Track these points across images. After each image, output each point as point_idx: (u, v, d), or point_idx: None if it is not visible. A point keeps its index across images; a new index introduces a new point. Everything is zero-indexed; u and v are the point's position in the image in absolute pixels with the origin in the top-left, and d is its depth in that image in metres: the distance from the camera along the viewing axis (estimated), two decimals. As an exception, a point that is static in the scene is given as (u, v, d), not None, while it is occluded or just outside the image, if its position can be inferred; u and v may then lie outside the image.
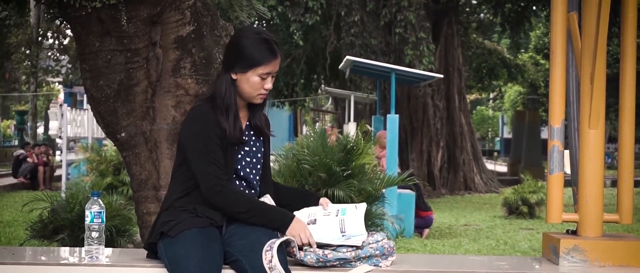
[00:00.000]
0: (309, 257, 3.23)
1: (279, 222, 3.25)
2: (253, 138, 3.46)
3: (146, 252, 3.45)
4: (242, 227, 3.27)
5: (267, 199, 3.39)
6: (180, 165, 3.36)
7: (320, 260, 3.23)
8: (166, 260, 3.19)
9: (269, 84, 3.34)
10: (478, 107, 49.77)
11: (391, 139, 11.25)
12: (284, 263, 3.12)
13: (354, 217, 3.31)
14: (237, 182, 3.38)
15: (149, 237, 3.42)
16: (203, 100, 3.41)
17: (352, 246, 3.28)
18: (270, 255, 3.08)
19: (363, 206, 3.37)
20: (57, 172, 19.55)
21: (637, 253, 3.42)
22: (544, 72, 30.82)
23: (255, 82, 3.32)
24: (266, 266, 3.06)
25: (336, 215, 3.33)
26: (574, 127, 3.62)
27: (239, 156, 3.37)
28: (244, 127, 3.43)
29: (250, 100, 3.39)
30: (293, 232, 3.22)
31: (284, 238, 3.20)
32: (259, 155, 3.47)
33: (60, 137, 17.02)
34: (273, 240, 3.15)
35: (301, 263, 3.25)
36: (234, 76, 3.34)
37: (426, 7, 18.65)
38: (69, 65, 31.41)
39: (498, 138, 49.29)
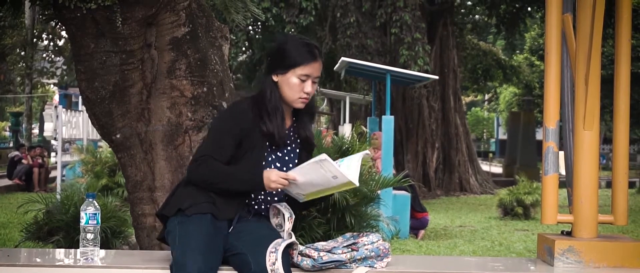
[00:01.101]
0: (304, 262, 3.24)
1: (251, 182, 3.28)
2: (290, 146, 3.50)
3: (142, 252, 3.47)
4: (250, 223, 3.36)
5: (282, 207, 3.39)
6: None
7: (316, 265, 3.23)
8: (176, 233, 3.25)
9: (309, 88, 3.38)
10: (473, 109, 49.82)
11: (386, 140, 11.26)
12: (287, 266, 3.15)
13: (350, 162, 3.26)
14: None
15: (163, 207, 3.47)
16: (245, 98, 3.47)
17: (347, 245, 3.28)
18: (274, 257, 3.09)
19: (359, 155, 3.32)
20: (52, 174, 19.53)
21: (632, 254, 3.43)
22: (539, 74, 30.86)
23: (294, 84, 3.36)
24: (269, 268, 3.08)
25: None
26: (569, 128, 3.62)
27: (270, 159, 3.42)
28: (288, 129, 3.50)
29: (291, 103, 3.42)
30: (270, 185, 3.24)
31: (290, 240, 3.22)
32: (291, 165, 3.48)
33: (55, 139, 17.03)
34: (278, 240, 3.18)
35: (297, 267, 3.25)
36: (275, 78, 3.40)
37: (421, 8, 18.66)
38: (64, 67, 31.32)
39: (493, 140, 49.29)
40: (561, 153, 3.60)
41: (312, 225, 4.66)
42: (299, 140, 3.54)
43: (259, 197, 3.45)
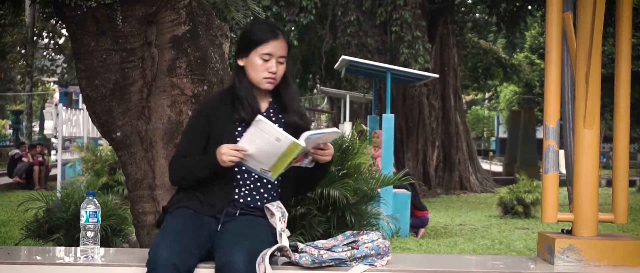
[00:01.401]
0: (304, 258, 3.24)
1: (209, 163, 3.29)
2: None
3: (142, 250, 3.48)
4: (236, 222, 3.33)
5: (273, 207, 3.38)
6: None
7: (316, 261, 3.23)
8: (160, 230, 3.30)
9: (274, 67, 3.40)
10: (473, 107, 49.83)
11: (387, 139, 11.25)
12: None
13: (312, 132, 3.24)
14: (242, 175, 3.42)
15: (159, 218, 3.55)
16: (217, 92, 3.60)
17: (348, 244, 3.28)
18: (263, 267, 3.09)
19: (328, 130, 3.29)
20: (53, 172, 19.53)
21: (632, 252, 3.43)
22: (539, 72, 30.86)
23: (258, 64, 3.41)
24: None
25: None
26: (569, 126, 3.62)
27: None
28: (264, 110, 3.49)
29: (258, 84, 3.45)
30: (222, 159, 3.22)
31: (275, 247, 3.21)
32: None
33: (55, 137, 17.02)
34: (266, 250, 3.16)
35: (296, 265, 3.25)
36: (240, 63, 3.47)
37: (422, 7, 18.65)
38: (65, 65, 31.32)
39: (493, 138, 49.32)
40: (561, 151, 3.60)
41: (313, 223, 4.67)
42: (282, 127, 3.50)
43: (243, 190, 3.44)
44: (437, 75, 15.73)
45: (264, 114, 3.45)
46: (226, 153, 3.21)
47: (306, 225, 4.68)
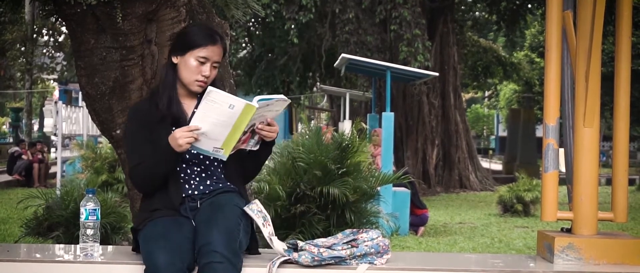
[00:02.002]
0: (303, 257, 3.24)
1: (165, 154, 3.26)
2: None
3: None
4: (203, 211, 3.33)
5: (253, 214, 3.37)
6: None
7: (316, 259, 3.23)
8: (142, 246, 3.28)
9: (207, 71, 3.42)
10: (473, 105, 49.83)
11: (386, 137, 11.26)
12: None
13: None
14: (186, 170, 3.44)
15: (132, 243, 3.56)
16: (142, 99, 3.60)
17: (347, 242, 3.28)
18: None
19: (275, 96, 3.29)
20: (52, 169, 19.54)
21: (632, 251, 3.43)
22: (539, 71, 30.87)
23: (192, 66, 3.42)
24: None
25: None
26: (569, 125, 3.62)
27: None
28: (189, 113, 3.46)
29: (188, 86, 3.47)
30: (179, 143, 3.19)
31: (284, 257, 3.24)
32: None
33: (55, 135, 17.01)
34: (274, 259, 3.21)
35: (296, 263, 3.25)
36: (174, 60, 3.50)
37: (422, 5, 18.65)
38: (64, 63, 31.34)
39: (493, 137, 49.36)
40: (561, 150, 3.60)
41: (312, 221, 4.68)
42: None
43: (192, 183, 3.44)
44: (437, 74, 15.74)
45: (191, 114, 3.45)
46: (181, 136, 3.19)
47: (306, 223, 4.69)
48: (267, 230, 3.29)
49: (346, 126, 13.87)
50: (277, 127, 3.39)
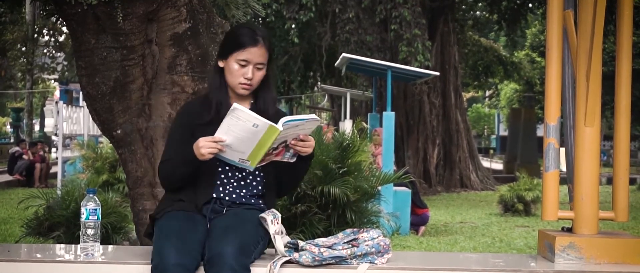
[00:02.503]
0: (304, 256, 3.23)
1: (188, 157, 3.26)
2: None
3: (142, 247, 3.48)
4: (223, 218, 3.34)
5: (270, 215, 3.37)
6: None
7: (316, 259, 3.23)
8: (155, 236, 3.29)
9: (249, 73, 3.38)
10: (474, 105, 49.83)
11: (387, 137, 11.25)
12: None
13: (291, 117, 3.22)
14: (226, 174, 3.43)
15: (147, 228, 3.54)
16: (199, 96, 3.56)
17: (348, 241, 3.28)
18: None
19: (307, 116, 3.26)
20: (53, 169, 19.54)
21: (633, 250, 3.43)
22: (539, 70, 30.87)
23: (234, 69, 3.39)
24: None
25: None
26: (570, 124, 3.62)
27: None
28: None
29: (234, 89, 3.44)
30: (201, 152, 3.20)
31: (286, 257, 3.24)
32: None
33: (56, 134, 17.01)
34: (276, 259, 3.21)
35: (297, 263, 3.25)
36: (220, 64, 3.45)
37: (422, 5, 18.65)
38: (65, 63, 31.34)
39: (494, 136, 49.36)
40: (562, 149, 3.60)
41: (313, 221, 4.67)
42: None
43: (228, 188, 3.44)
44: (437, 73, 15.73)
45: None
46: (204, 146, 3.19)
47: (306, 223, 4.68)
48: (274, 228, 3.29)
49: (347, 125, 13.88)
50: (312, 142, 3.33)
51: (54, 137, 24.67)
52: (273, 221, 3.29)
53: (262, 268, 3.21)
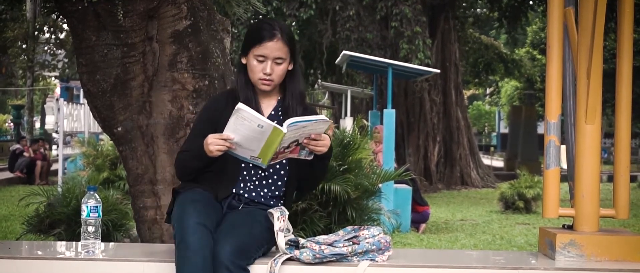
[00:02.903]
0: (305, 254, 3.24)
1: (199, 152, 3.27)
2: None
3: (143, 244, 3.49)
4: (235, 214, 3.35)
5: (277, 212, 3.37)
6: None
7: (317, 256, 3.23)
8: (175, 211, 3.30)
9: (268, 68, 3.35)
10: (475, 102, 49.81)
11: (388, 134, 11.25)
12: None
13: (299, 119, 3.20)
14: (250, 172, 3.43)
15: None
16: (226, 89, 3.60)
17: (349, 239, 3.28)
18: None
19: (315, 117, 3.24)
20: (54, 167, 19.53)
21: (633, 248, 3.43)
22: (540, 67, 30.86)
23: (253, 65, 3.38)
24: None
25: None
26: (571, 122, 3.62)
27: None
28: (267, 115, 3.44)
29: (256, 85, 3.43)
30: (209, 149, 3.21)
31: (287, 255, 3.24)
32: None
33: (56, 132, 17.00)
34: (277, 256, 3.22)
35: (297, 260, 3.25)
36: (243, 61, 3.45)
37: (423, 2, 18.64)
38: (66, 60, 31.35)
39: (494, 134, 49.32)
40: (563, 147, 3.59)
41: (314, 218, 4.67)
42: None
43: (249, 185, 3.43)
44: (438, 71, 15.72)
45: (272, 112, 3.46)
46: (212, 143, 3.19)
47: (307, 220, 4.69)
48: (279, 224, 3.28)
49: (347, 123, 13.87)
50: (327, 141, 3.30)
51: (54, 135, 24.65)
52: (279, 218, 3.29)
53: (263, 265, 3.21)
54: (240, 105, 3.12)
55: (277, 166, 3.43)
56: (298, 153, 3.31)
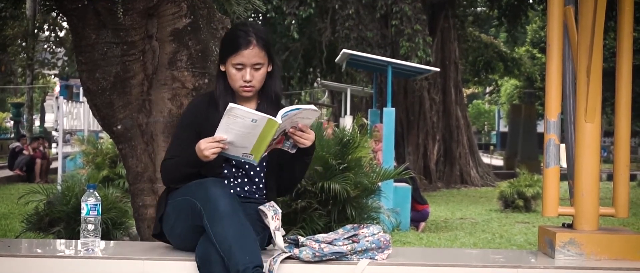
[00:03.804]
0: (304, 252, 3.24)
1: (192, 159, 3.26)
2: None
3: (142, 243, 3.48)
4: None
5: (265, 207, 3.36)
6: None
7: (317, 254, 3.23)
8: (180, 200, 3.31)
9: (248, 76, 3.36)
10: (474, 101, 49.80)
11: (387, 132, 11.26)
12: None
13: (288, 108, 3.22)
14: (231, 170, 3.44)
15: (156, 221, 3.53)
16: (204, 93, 3.57)
17: (348, 237, 3.28)
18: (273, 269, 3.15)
19: (303, 106, 3.26)
20: (53, 165, 19.53)
21: (633, 246, 3.43)
22: (540, 66, 30.84)
23: (232, 74, 3.39)
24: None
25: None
26: (570, 120, 3.62)
27: None
28: None
29: (237, 92, 3.44)
30: (204, 154, 3.21)
31: (286, 254, 3.24)
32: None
33: (56, 130, 16.99)
34: (275, 255, 3.21)
35: (297, 259, 3.25)
36: (222, 68, 3.45)
37: (423, 0, 18.63)
38: (65, 58, 31.28)
39: (494, 132, 49.33)
40: (562, 145, 3.59)
41: (313, 217, 4.68)
42: None
43: (232, 181, 3.45)
44: (438, 69, 15.72)
45: None
46: (206, 147, 3.19)
47: (307, 218, 4.69)
48: (274, 223, 3.28)
49: (347, 121, 13.88)
50: (312, 135, 3.32)
51: (54, 133, 24.66)
52: (274, 217, 3.29)
53: (263, 264, 3.21)
54: (231, 105, 3.12)
55: (251, 167, 3.44)
56: (282, 144, 3.33)
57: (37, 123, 37.48)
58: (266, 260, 3.19)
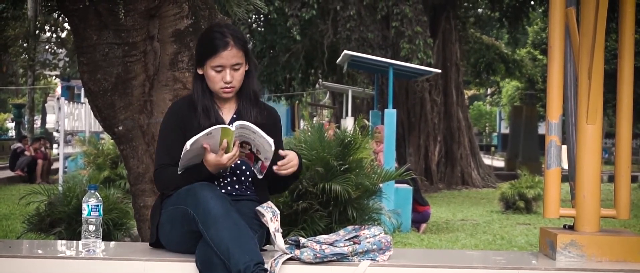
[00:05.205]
0: (305, 253, 3.23)
1: (202, 172, 3.29)
2: None
3: (143, 244, 3.48)
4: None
5: (263, 209, 3.37)
6: None
7: (318, 256, 3.23)
8: (177, 206, 3.29)
9: (228, 77, 3.37)
10: (475, 102, 49.80)
11: (389, 134, 11.26)
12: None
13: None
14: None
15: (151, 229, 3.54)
16: (184, 96, 3.59)
17: (349, 239, 3.28)
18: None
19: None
20: (54, 166, 19.55)
21: (634, 248, 3.43)
22: (541, 68, 30.84)
23: (212, 76, 3.39)
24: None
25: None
26: (572, 122, 3.62)
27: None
28: (228, 120, 3.47)
29: (217, 94, 3.45)
30: (214, 170, 3.27)
31: (287, 255, 3.24)
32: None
33: (57, 131, 17.01)
34: (276, 257, 3.21)
35: (298, 260, 3.25)
36: (199, 72, 3.45)
37: (424, 2, 18.63)
38: (67, 59, 31.32)
39: (495, 134, 49.35)
40: (564, 147, 3.59)
41: (314, 218, 4.67)
42: None
43: (222, 181, 3.47)
44: (439, 71, 15.71)
45: (234, 116, 3.48)
46: (225, 161, 3.24)
47: (308, 220, 4.69)
48: (274, 225, 3.29)
49: (348, 123, 13.87)
50: (295, 160, 3.38)
51: (55, 134, 24.69)
52: (273, 219, 3.29)
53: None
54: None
55: (238, 161, 3.43)
56: (253, 164, 3.39)
57: (38, 124, 37.51)
58: (267, 261, 3.19)
